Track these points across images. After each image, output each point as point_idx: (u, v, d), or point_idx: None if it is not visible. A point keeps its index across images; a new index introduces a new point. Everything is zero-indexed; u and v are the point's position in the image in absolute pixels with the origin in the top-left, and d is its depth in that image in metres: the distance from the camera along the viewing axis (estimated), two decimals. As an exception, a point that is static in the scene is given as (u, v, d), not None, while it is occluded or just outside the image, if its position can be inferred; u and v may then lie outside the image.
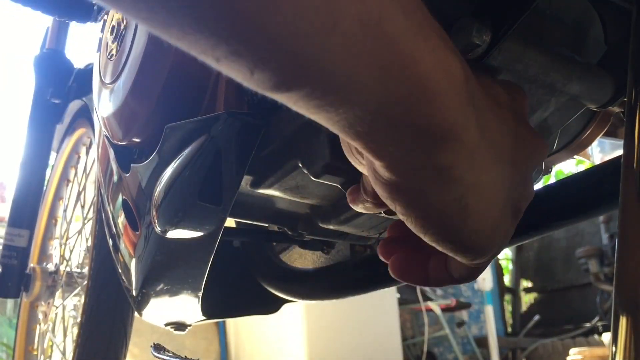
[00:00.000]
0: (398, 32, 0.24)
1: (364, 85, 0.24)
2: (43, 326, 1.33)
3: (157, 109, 0.54)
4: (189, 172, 0.50)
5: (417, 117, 0.26)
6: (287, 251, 0.81)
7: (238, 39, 0.21)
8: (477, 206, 0.30)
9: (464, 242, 0.31)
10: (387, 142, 0.27)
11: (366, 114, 0.25)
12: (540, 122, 0.49)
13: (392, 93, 0.25)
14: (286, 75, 0.23)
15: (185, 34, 0.22)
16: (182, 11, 0.21)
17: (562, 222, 0.52)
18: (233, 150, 0.50)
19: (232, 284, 0.80)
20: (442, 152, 0.28)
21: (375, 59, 0.24)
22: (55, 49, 1.23)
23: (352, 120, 0.26)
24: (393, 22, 0.24)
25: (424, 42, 0.25)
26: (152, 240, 0.56)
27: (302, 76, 0.23)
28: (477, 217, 0.30)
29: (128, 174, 0.60)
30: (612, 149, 0.94)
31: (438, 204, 0.29)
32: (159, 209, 0.52)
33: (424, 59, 0.25)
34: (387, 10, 0.23)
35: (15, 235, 1.19)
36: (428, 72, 0.25)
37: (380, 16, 0.23)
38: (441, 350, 4.42)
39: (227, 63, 0.23)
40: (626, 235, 0.34)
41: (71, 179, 1.38)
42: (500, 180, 0.31)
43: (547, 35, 0.46)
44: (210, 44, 0.22)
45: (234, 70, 0.23)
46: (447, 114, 0.27)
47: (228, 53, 0.22)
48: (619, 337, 0.32)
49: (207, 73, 0.51)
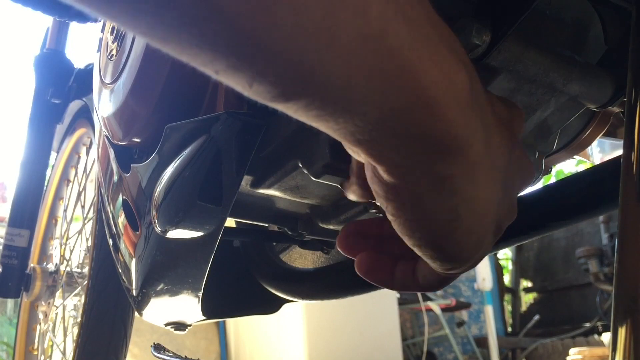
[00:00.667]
0: (401, 45, 0.23)
1: (364, 97, 0.24)
2: (43, 326, 1.33)
3: (157, 109, 0.54)
4: (189, 172, 0.50)
5: (420, 129, 0.26)
6: (287, 251, 0.81)
7: (236, 54, 0.21)
8: (468, 219, 0.30)
9: (446, 251, 0.32)
10: (388, 150, 0.27)
11: (367, 124, 0.25)
12: (540, 122, 0.49)
13: (394, 105, 0.25)
14: (284, 87, 0.23)
15: (183, 48, 0.22)
16: (180, 27, 0.20)
17: (562, 222, 0.52)
18: (233, 150, 0.50)
19: (232, 284, 0.80)
20: (445, 162, 0.27)
21: (377, 72, 0.23)
22: (56, 49, 1.23)
23: (353, 129, 0.25)
24: (396, 36, 0.23)
25: (429, 54, 0.25)
26: (152, 240, 0.56)
27: (300, 88, 0.23)
28: (465, 229, 0.31)
29: (128, 174, 0.60)
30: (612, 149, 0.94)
31: (431, 210, 0.29)
32: (159, 209, 0.52)
33: (428, 72, 0.25)
34: (389, 24, 0.23)
35: (16, 235, 1.19)
36: (432, 85, 0.25)
37: (382, 30, 0.23)
38: (441, 350, 4.42)
39: (226, 75, 0.23)
40: (626, 235, 0.34)
41: (71, 179, 1.38)
42: (494, 197, 0.31)
43: (547, 35, 0.46)
44: (208, 58, 0.22)
45: (232, 82, 0.23)
46: (451, 126, 0.26)
47: (226, 67, 0.22)
48: (618, 337, 0.32)
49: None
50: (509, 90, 0.44)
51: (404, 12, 0.24)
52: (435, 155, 0.27)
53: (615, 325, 0.32)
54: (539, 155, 0.51)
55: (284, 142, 0.50)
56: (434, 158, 0.27)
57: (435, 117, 0.26)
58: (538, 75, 0.43)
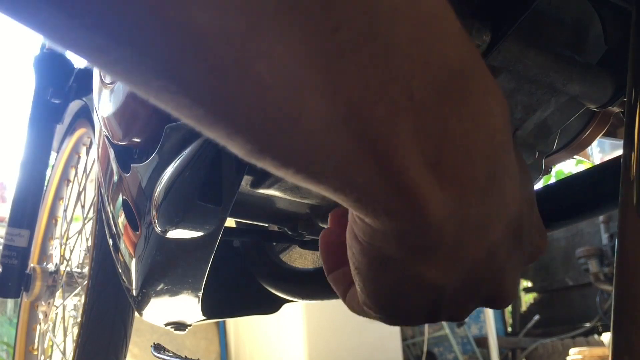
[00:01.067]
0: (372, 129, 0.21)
1: (335, 172, 0.22)
2: (43, 326, 1.33)
3: (157, 109, 0.54)
4: (189, 172, 0.50)
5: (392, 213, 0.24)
6: (287, 251, 0.81)
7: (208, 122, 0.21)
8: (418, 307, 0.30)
9: (384, 319, 0.32)
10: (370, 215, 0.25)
11: (343, 194, 0.23)
12: (540, 122, 0.49)
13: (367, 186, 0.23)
14: (255, 148, 0.22)
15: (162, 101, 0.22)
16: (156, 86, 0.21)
17: (562, 222, 0.52)
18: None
19: (232, 284, 0.80)
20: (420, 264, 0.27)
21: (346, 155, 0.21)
22: (56, 49, 1.23)
23: (333, 192, 0.24)
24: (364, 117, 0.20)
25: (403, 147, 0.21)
26: (152, 240, 0.56)
27: (269, 152, 0.22)
28: (416, 313, 0.31)
29: (128, 174, 0.60)
30: (612, 149, 0.94)
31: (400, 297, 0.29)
32: (159, 209, 0.52)
33: (409, 169, 0.22)
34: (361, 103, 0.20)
35: (16, 235, 1.19)
36: (411, 182, 0.22)
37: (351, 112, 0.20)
38: (441, 350, 4.41)
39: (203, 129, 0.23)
40: (626, 235, 0.34)
41: (71, 179, 1.38)
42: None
43: (547, 35, 0.46)
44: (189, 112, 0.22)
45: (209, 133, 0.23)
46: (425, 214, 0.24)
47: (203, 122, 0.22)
48: (618, 337, 0.32)
49: (207, 73, 0.51)
50: (509, 90, 0.44)
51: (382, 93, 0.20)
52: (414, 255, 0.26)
53: (615, 325, 0.32)
54: (539, 155, 0.51)
55: (284, 142, 0.50)
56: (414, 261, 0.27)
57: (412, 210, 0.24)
58: (538, 75, 0.43)
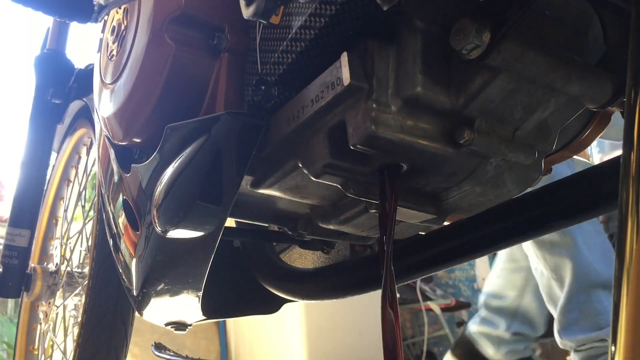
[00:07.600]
0: None
1: None
2: (44, 326, 1.33)
3: (158, 109, 0.54)
4: (189, 172, 0.51)
5: None
6: (287, 251, 0.81)
7: None
8: None
9: None
10: None
11: None
12: (540, 122, 0.49)
13: None
14: None
15: None
16: None
17: (562, 222, 0.52)
18: (233, 150, 0.50)
19: (232, 284, 0.80)
20: None
21: None
22: (56, 49, 1.23)
23: None
24: None
25: None
26: (152, 240, 0.56)
27: None
28: None
29: (129, 174, 0.60)
30: (611, 149, 0.94)
31: None
32: (160, 209, 0.52)
33: None
34: None
35: (16, 235, 1.19)
36: None
37: None
38: (441, 350, 4.41)
39: None
40: (626, 235, 0.34)
41: (72, 179, 1.38)
42: None
43: (546, 35, 0.46)
44: None
45: None
46: None
47: None
48: (618, 337, 0.32)
49: (207, 73, 0.51)
50: (509, 90, 0.44)
51: None
52: None
53: (615, 325, 0.32)
54: (539, 155, 0.51)
55: (284, 142, 0.50)
56: None
57: None
58: (538, 75, 0.43)
